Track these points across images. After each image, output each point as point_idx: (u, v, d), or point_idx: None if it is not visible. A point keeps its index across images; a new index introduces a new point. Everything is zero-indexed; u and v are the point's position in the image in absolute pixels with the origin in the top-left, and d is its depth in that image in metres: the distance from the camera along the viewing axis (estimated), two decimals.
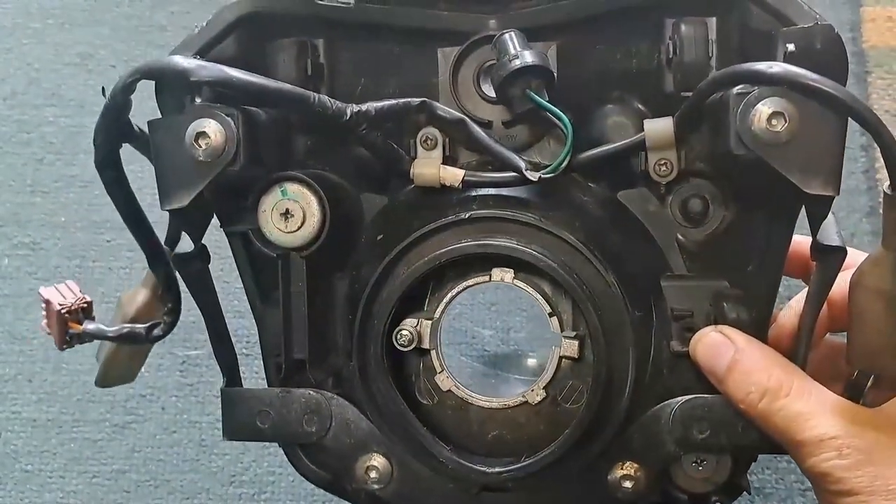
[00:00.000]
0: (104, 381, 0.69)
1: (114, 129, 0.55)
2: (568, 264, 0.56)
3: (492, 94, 0.59)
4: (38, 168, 1.06)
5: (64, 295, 0.63)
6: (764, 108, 0.50)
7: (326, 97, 0.56)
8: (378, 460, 0.59)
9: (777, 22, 0.54)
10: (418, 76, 0.60)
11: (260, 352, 0.62)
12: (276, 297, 0.60)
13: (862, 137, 1.02)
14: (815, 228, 0.55)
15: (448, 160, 0.59)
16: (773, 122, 0.50)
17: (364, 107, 0.56)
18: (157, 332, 0.62)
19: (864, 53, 1.08)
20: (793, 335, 0.58)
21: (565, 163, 0.56)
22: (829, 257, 0.55)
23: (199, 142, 0.53)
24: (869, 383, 0.56)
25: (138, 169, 0.58)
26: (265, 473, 0.93)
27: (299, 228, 0.57)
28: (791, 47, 0.52)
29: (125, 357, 0.68)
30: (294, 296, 0.59)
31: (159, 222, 0.59)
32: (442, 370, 0.59)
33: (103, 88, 0.55)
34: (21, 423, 0.96)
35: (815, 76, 0.49)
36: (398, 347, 0.57)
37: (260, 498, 0.92)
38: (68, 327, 0.62)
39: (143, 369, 0.96)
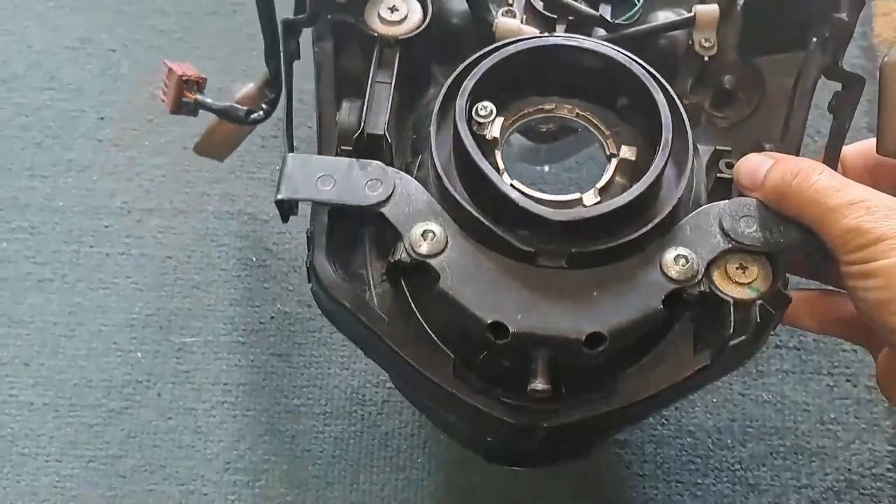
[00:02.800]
0: (200, 149, 0.86)
1: None
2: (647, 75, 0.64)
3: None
4: (37, 152, 1.06)
5: (185, 68, 0.74)
6: None
7: None
8: (435, 227, 0.59)
9: None
10: None
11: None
12: (353, 96, 0.66)
13: None
14: (841, 50, 0.65)
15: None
16: None
17: None
18: (254, 115, 0.72)
19: (876, 48, 1.08)
20: None
21: (639, 12, 0.71)
22: (850, 87, 0.65)
23: None
24: None
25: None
26: (260, 461, 0.93)
27: (402, 21, 0.66)
28: None
29: (222, 136, 0.83)
30: (380, 85, 0.64)
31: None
32: (504, 170, 0.61)
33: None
34: (17, 406, 0.96)
35: None
36: (476, 119, 0.61)
37: (255, 485, 0.92)
38: (183, 95, 0.74)
39: (139, 355, 0.98)
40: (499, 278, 0.59)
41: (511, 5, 0.70)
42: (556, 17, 0.71)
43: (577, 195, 0.61)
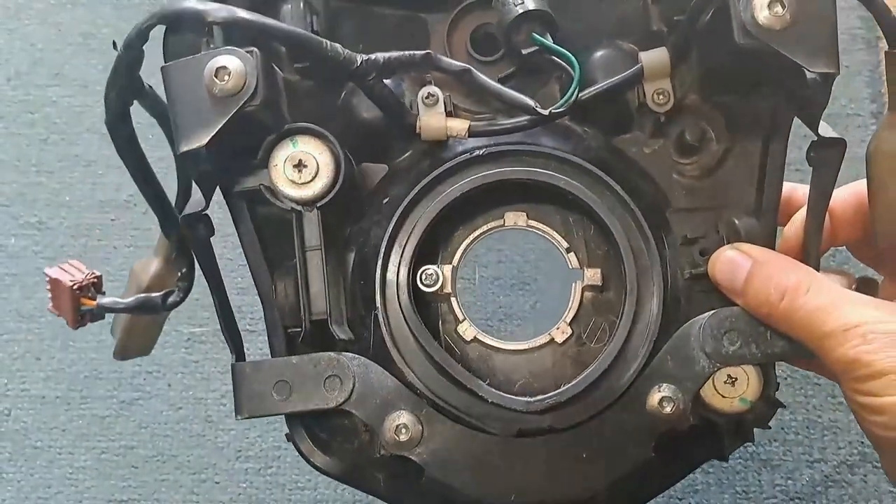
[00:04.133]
0: (123, 352, 0.69)
1: (126, 84, 0.54)
2: (588, 188, 0.58)
3: (486, 56, 0.61)
4: (43, 148, 1.07)
5: (71, 273, 0.62)
6: None
7: (338, 45, 0.56)
8: (407, 418, 0.57)
9: None
10: (414, 44, 0.60)
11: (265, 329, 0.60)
12: (284, 267, 0.59)
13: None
14: (814, 122, 0.56)
15: (449, 116, 0.60)
16: (774, 8, 0.52)
17: (373, 56, 0.57)
18: (172, 298, 0.61)
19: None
20: (800, 248, 0.59)
21: (575, 95, 0.58)
22: (830, 151, 0.56)
23: (219, 77, 0.52)
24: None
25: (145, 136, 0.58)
26: (271, 448, 0.93)
27: (313, 179, 0.56)
28: None
29: (141, 328, 0.67)
30: (310, 252, 0.57)
31: (171, 189, 0.60)
32: (464, 319, 0.59)
33: (115, 42, 0.55)
34: (30, 400, 0.97)
35: None
36: (423, 287, 0.58)
37: (266, 472, 0.93)
38: (80, 304, 0.61)
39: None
40: (484, 458, 0.57)
41: (431, 85, 0.60)
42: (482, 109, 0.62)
43: (547, 337, 0.59)
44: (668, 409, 0.57)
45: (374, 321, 0.58)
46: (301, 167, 0.56)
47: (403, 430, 0.57)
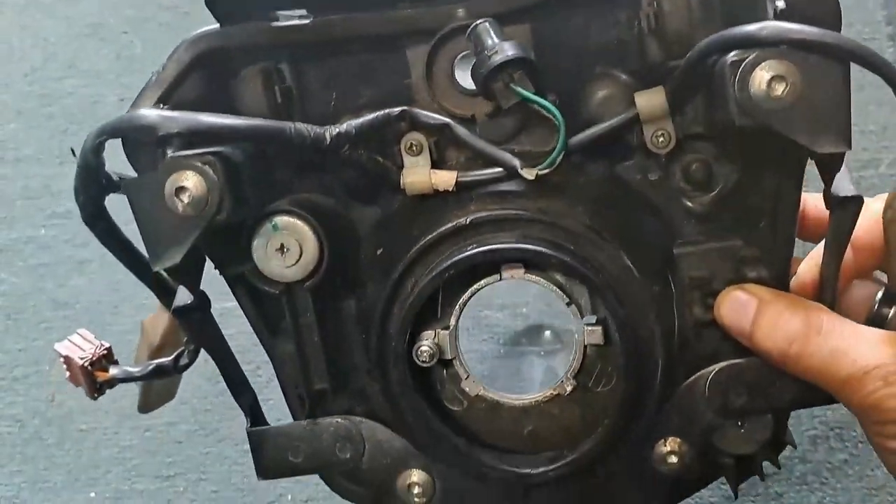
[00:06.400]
0: (146, 407, 0.70)
1: (92, 188, 0.53)
2: (578, 252, 0.54)
3: (470, 85, 0.55)
4: (63, 139, 1.09)
5: (81, 346, 0.62)
6: (763, 74, 0.47)
7: (303, 125, 0.53)
8: (418, 476, 0.59)
9: None
10: (391, 81, 0.57)
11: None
12: (286, 328, 0.58)
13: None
14: (828, 181, 0.52)
15: (436, 163, 0.56)
16: (774, 86, 0.47)
17: (343, 127, 0.54)
18: (183, 361, 0.61)
19: None
20: (814, 286, 0.56)
21: (561, 156, 0.54)
22: (845, 207, 0.52)
23: (180, 196, 0.50)
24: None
25: None
26: None
27: (298, 261, 0.55)
28: (781, 4, 0.49)
29: (159, 388, 0.69)
30: (304, 328, 0.57)
31: None
32: (467, 376, 0.58)
33: (73, 150, 0.54)
34: (72, 385, 0.99)
35: (811, 29, 0.47)
36: (420, 364, 0.56)
37: None
38: (95, 377, 0.62)
39: None
40: None
41: (413, 134, 0.56)
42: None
43: (553, 391, 0.57)
44: (673, 461, 0.57)
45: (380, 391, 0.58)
46: (284, 250, 0.55)
47: (416, 487, 0.59)
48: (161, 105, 0.53)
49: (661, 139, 0.54)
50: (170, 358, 0.61)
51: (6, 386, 1.00)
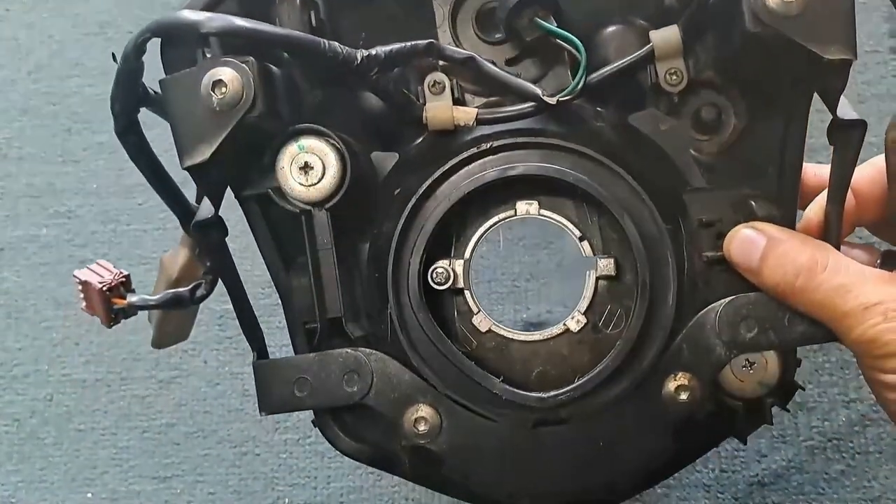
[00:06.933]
0: (160, 342, 0.70)
1: (130, 95, 0.55)
2: (597, 179, 0.57)
3: (492, 36, 0.59)
4: (67, 138, 1.09)
5: (100, 274, 0.63)
6: None
7: (336, 43, 0.55)
8: (426, 411, 0.58)
9: None
10: (417, 30, 0.60)
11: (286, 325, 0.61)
12: (300, 263, 0.59)
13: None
14: (833, 104, 0.55)
15: (457, 104, 0.59)
16: None
17: (374, 51, 0.56)
18: (200, 292, 0.61)
19: None
20: (820, 228, 0.58)
21: (582, 82, 0.57)
22: (850, 132, 0.54)
23: (216, 90, 0.52)
24: None
25: (159, 133, 0.58)
26: (308, 417, 0.93)
27: (320, 180, 0.56)
28: None
29: (176, 318, 0.68)
30: (322, 252, 0.57)
31: (185, 183, 0.59)
32: (479, 310, 0.59)
33: (114, 55, 0.55)
34: (71, 384, 0.99)
35: None
36: (434, 286, 0.57)
37: (304, 442, 0.94)
38: (112, 304, 0.62)
39: None
40: (502, 450, 0.58)
41: (437, 72, 0.59)
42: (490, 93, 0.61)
43: (562, 327, 0.59)
44: (684, 398, 0.57)
45: (390, 317, 0.58)
46: (307, 169, 0.56)
47: (422, 423, 0.58)
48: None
49: (674, 77, 0.58)
50: (187, 288, 0.61)
51: (5, 385, 1.00)
